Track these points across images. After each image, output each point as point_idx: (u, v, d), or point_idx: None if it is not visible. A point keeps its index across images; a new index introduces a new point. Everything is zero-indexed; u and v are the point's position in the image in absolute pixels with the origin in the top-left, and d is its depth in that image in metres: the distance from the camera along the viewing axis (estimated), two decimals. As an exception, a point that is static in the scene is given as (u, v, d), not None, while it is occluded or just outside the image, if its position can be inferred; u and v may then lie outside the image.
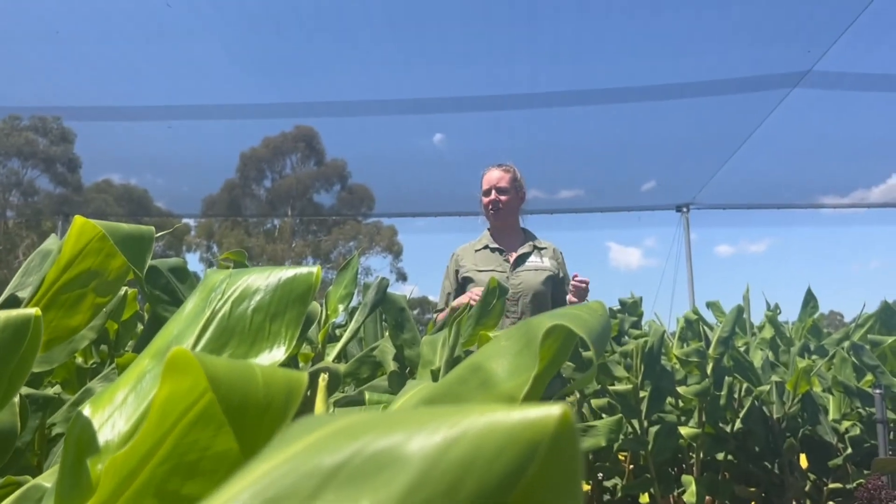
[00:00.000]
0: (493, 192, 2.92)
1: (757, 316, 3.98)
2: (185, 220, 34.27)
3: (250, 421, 0.32)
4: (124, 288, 1.85)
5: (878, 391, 2.68)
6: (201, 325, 0.55)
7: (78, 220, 0.87)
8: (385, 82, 13.42)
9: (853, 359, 2.83)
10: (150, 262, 1.49)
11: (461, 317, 1.64)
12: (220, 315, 0.56)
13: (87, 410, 0.50)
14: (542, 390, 0.44)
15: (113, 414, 0.50)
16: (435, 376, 1.61)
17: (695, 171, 13.38)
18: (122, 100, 11.63)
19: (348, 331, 1.73)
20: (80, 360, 2.00)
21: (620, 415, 1.67)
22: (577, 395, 3.35)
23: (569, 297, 2.79)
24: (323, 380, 1.58)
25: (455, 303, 2.38)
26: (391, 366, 1.93)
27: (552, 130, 12.16)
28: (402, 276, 36.18)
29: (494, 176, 2.95)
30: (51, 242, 1.09)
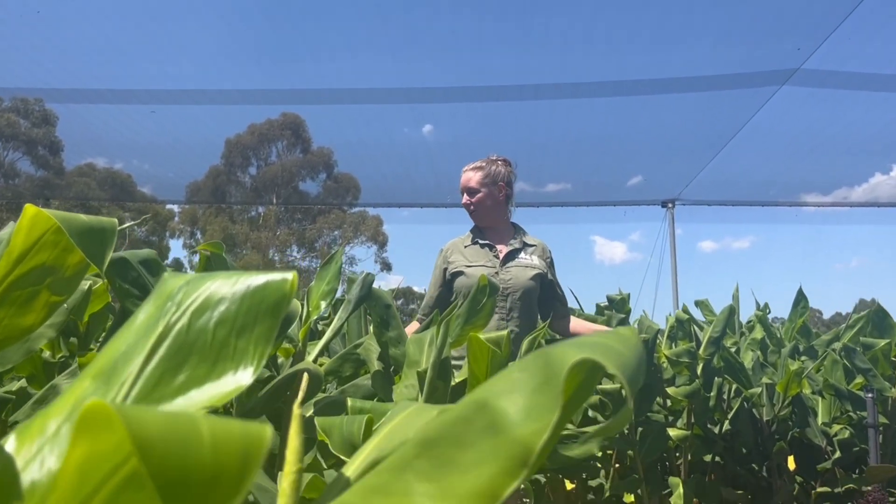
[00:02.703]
0: (465, 195, 2.87)
1: (742, 313, 3.94)
2: (169, 207, 34.02)
3: (192, 499, 0.23)
4: (91, 279, 1.76)
5: (869, 395, 2.63)
6: (154, 340, 0.47)
7: (29, 209, 0.78)
8: (373, 71, 13.29)
9: (845, 361, 2.79)
10: (119, 253, 1.40)
11: (450, 316, 1.56)
12: (176, 328, 0.48)
13: (10, 444, 0.42)
14: (559, 437, 0.36)
15: (43, 448, 0.42)
16: (421, 379, 1.53)
17: (681, 166, 13.39)
18: (104, 83, 11.42)
19: (331, 328, 1.65)
20: (47, 353, 1.91)
21: (613, 422, 1.59)
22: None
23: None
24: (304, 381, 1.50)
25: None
26: (375, 365, 1.85)
27: (540, 123, 12.10)
28: (386, 266, 36.06)
29: (464, 178, 2.90)
30: (6, 231, 1.00)
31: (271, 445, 0.26)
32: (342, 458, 0.97)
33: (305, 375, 1.43)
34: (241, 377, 0.46)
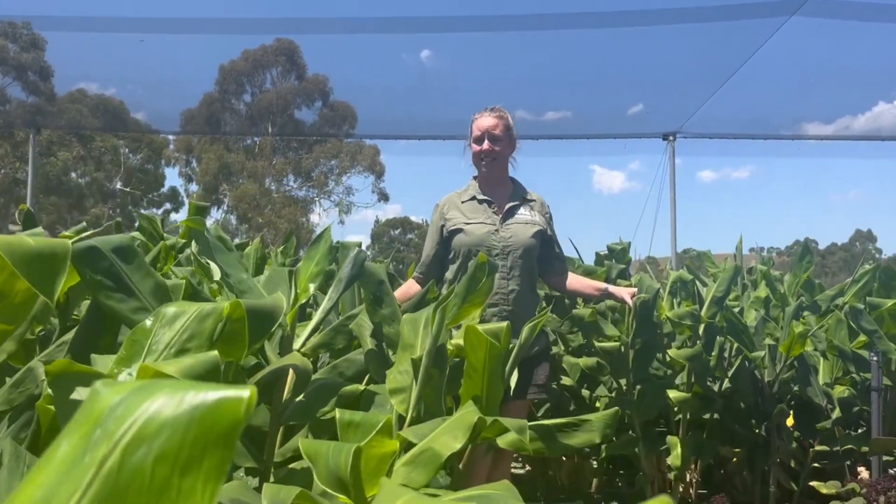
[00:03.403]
0: (487, 140, 2.70)
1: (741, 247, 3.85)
2: (163, 135, 33.52)
3: None
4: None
5: (874, 358, 2.58)
6: (83, 488, 0.38)
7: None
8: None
9: (850, 322, 2.73)
10: (88, 241, 1.30)
11: (446, 302, 1.48)
12: (107, 468, 0.39)
13: None
14: None
15: None
16: (416, 366, 1.46)
17: (684, 99, 13.14)
18: (93, 9, 11.03)
19: (321, 309, 1.57)
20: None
21: (617, 408, 1.53)
22: (563, 349, 3.24)
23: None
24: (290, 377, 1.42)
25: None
26: (368, 342, 1.78)
27: (542, 52, 11.85)
28: (384, 197, 35.77)
29: (487, 122, 2.72)
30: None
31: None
32: (329, 490, 0.90)
33: (291, 372, 1.36)
34: (186, 535, 0.38)
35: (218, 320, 1.19)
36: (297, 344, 1.55)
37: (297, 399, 1.53)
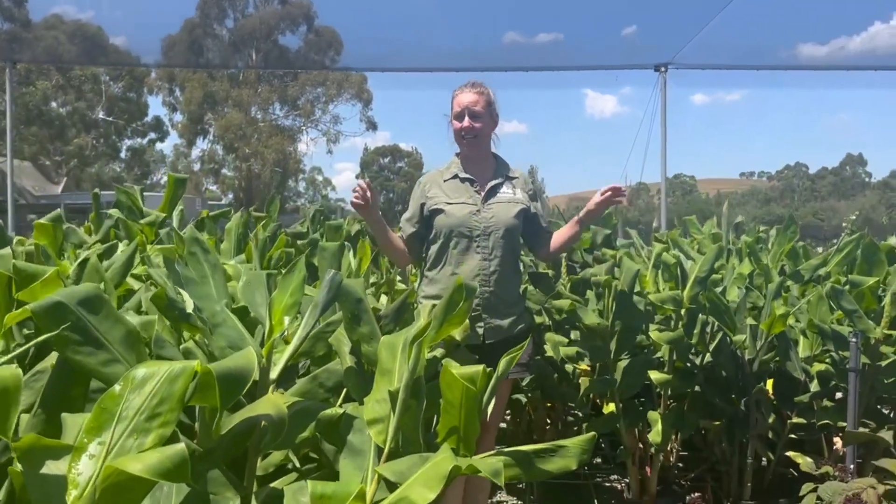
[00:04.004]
0: (467, 117, 2.64)
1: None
2: (144, 61, 32.71)
3: None
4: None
5: (853, 339, 2.60)
6: None
7: None
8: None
9: (830, 302, 2.74)
10: (53, 297, 1.27)
11: (423, 336, 1.46)
12: None
13: None
14: None
15: None
16: (393, 399, 1.46)
17: (677, 25, 12.86)
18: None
19: (297, 336, 1.55)
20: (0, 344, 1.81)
21: (594, 434, 1.54)
22: (547, 321, 3.26)
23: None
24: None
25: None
26: (347, 359, 1.77)
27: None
28: (372, 126, 35.28)
29: (468, 98, 2.66)
30: None
31: None
32: None
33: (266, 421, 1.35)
34: None
35: (188, 381, 1.18)
36: (273, 373, 1.53)
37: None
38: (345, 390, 1.85)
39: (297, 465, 1.77)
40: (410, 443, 1.53)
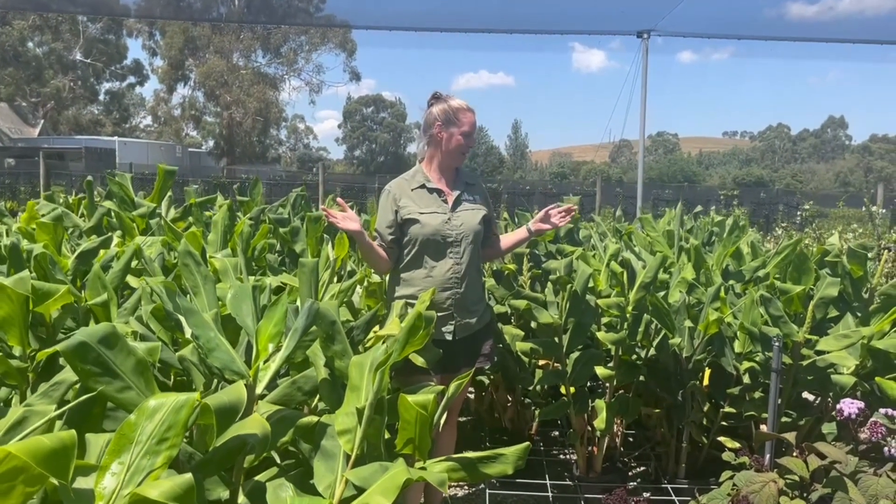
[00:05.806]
0: (473, 136, 2.95)
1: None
2: (123, 2, 31.99)
3: None
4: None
5: (776, 343, 2.92)
6: None
7: None
8: None
9: (760, 309, 3.05)
10: (78, 336, 1.53)
11: (385, 366, 1.74)
12: None
13: None
14: None
15: None
16: (360, 414, 1.74)
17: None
18: None
19: (278, 358, 1.81)
20: (17, 349, 2.06)
21: (528, 444, 1.85)
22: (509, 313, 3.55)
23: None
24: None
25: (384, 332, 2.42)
26: (322, 371, 2.05)
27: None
28: (355, 76, 35.03)
29: (474, 119, 2.94)
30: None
31: None
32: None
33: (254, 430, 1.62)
34: None
35: (191, 411, 1.45)
36: (259, 388, 1.81)
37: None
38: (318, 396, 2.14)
39: (278, 460, 2.07)
40: (374, 449, 1.84)
